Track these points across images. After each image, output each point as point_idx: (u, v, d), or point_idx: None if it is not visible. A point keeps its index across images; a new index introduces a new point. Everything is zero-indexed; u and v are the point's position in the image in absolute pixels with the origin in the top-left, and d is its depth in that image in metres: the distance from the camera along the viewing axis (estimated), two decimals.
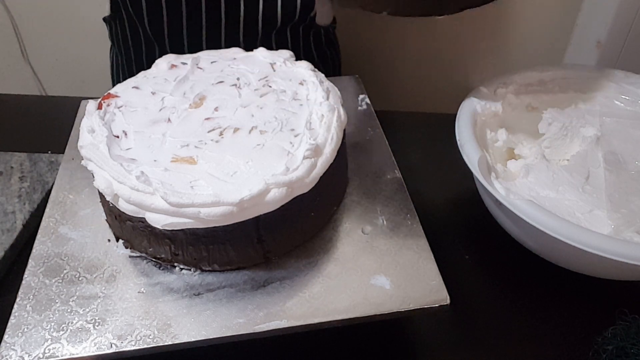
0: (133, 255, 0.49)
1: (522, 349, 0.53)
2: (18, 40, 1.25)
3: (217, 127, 0.50)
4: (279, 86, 0.56)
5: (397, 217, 0.52)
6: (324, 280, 0.47)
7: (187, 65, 0.58)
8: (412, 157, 0.73)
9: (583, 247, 0.47)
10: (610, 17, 1.05)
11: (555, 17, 1.12)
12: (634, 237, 0.51)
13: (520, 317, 0.55)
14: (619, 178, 0.56)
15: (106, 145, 0.47)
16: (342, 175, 0.55)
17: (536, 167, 0.57)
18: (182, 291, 0.46)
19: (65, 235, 0.50)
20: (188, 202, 0.42)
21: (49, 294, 0.45)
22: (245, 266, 0.48)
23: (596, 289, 0.57)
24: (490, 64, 1.17)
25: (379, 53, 1.16)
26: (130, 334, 0.43)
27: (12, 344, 0.42)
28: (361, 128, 0.63)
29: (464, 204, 0.68)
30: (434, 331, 0.55)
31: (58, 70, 1.30)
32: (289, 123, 0.50)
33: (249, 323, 0.44)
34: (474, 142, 0.57)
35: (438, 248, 0.49)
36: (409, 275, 0.47)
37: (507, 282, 0.58)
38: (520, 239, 0.58)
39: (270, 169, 0.45)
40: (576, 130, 0.61)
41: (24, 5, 1.20)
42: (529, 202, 0.51)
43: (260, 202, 0.43)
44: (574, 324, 0.54)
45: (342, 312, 0.44)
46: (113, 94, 0.55)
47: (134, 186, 0.43)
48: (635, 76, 0.67)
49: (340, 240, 0.50)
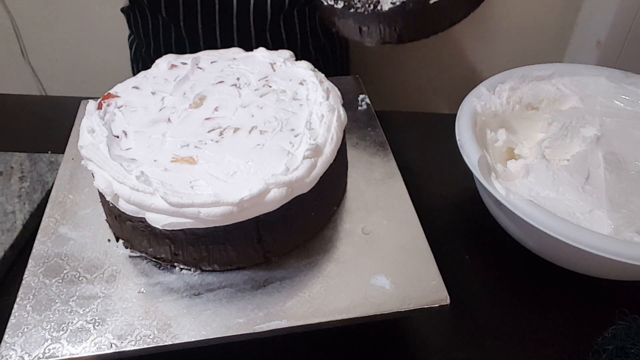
0: (133, 255, 0.49)
1: (522, 349, 0.53)
2: (18, 40, 1.24)
3: (217, 127, 0.50)
4: (279, 86, 0.56)
5: (397, 217, 0.52)
6: (324, 280, 0.47)
7: (187, 65, 0.58)
8: (412, 157, 0.73)
9: (583, 247, 0.47)
10: (610, 17, 1.05)
11: (555, 17, 1.12)
12: (634, 237, 0.51)
13: (520, 317, 0.55)
14: (619, 178, 0.56)
15: (106, 145, 0.47)
16: (342, 175, 0.55)
17: (536, 167, 0.57)
18: (182, 291, 0.46)
19: (65, 235, 0.50)
20: (188, 202, 0.42)
21: (49, 294, 0.45)
22: (245, 266, 0.48)
23: (596, 289, 0.57)
24: (490, 64, 1.17)
25: (379, 53, 1.16)
26: (130, 334, 0.43)
27: (12, 344, 0.42)
28: (361, 128, 0.64)
29: (464, 204, 0.68)
30: (434, 331, 0.55)
31: (58, 70, 1.30)
32: (289, 123, 0.50)
33: (249, 323, 0.44)
34: (474, 142, 0.57)
35: (438, 248, 0.49)
36: (409, 275, 0.47)
37: (507, 282, 0.58)
38: (520, 239, 0.58)
39: (270, 169, 0.45)
40: (576, 130, 0.61)
41: (24, 5, 1.20)
42: (529, 202, 0.51)
43: (260, 202, 0.43)
44: (574, 324, 0.54)
45: (342, 312, 0.44)
46: (113, 94, 0.55)
47: (134, 186, 0.43)
48: (635, 76, 0.67)
49: (340, 240, 0.50)
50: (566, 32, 1.15)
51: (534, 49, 1.15)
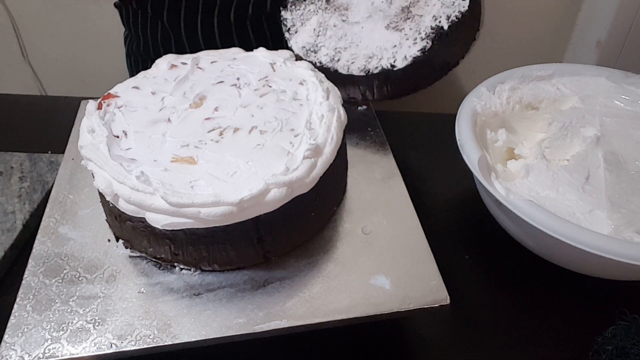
0: (133, 255, 0.49)
1: (522, 349, 0.52)
2: (18, 40, 1.25)
3: (217, 127, 0.50)
4: (279, 86, 0.56)
5: (397, 217, 0.52)
6: (324, 280, 0.47)
7: (187, 65, 0.58)
8: (412, 157, 0.73)
9: (583, 247, 0.47)
10: (610, 17, 1.05)
11: (555, 17, 1.12)
12: (634, 237, 0.51)
13: (520, 317, 0.55)
14: (619, 178, 0.56)
15: (106, 145, 0.47)
16: (342, 175, 0.55)
17: (536, 167, 0.57)
18: (182, 291, 0.46)
19: (65, 235, 0.50)
20: (188, 202, 0.42)
21: (49, 294, 0.45)
22: (245, 266, 0.48)
23: (596, 289, 0.57)
24: (490, 64, 1.17)
25: None
26: (130, 334, 0.43)
27: (12, 344, 0.42)
28: (361, 128, 0.64)
29: (464, 204, 0.68)
30: (434, 331, 0.55)
31: (58, 70, 1.30)
32: (289, 123, 0.50)
33: (249, 323, 0.44)
34: (474, 142, 0.57)
35: (438, 248, 0.49)
36: (409, 275, 0.47)
37: (507, 282, 0.58)
38: (520, 239, 0.58)
39: (270, 169, 0.45)
40: (576, 130, 0.61)
41: (24, 5, 1.20)
42: (529, 202, 0.51)
43: (260, 202, 0.43)
44: (574, 324, 0.54)
45: (342, 312, 0.44)
46: (113, 94, 0.55)
47: (134, 186, 0.43)
48: (635, 76, 0.67)
49: (340, 240, 0.50)
50: (566, 32, 1.15)
51: (534, 48, 1.15)
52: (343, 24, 0.67)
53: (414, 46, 0.62)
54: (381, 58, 0.63)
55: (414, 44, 0.62)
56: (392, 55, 0.63)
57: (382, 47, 0.64)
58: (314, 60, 0.67)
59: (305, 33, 0.69)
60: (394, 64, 0.62)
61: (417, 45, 0.62)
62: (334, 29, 0.67)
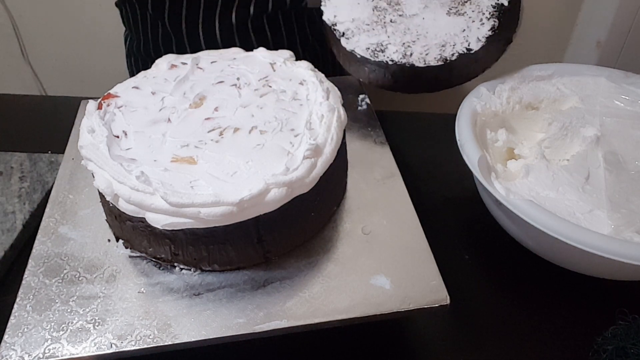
0: (133, 255, 0.49)
1: (522, 349, 0.52)
2: (18, 40, 1.25)
3: (217, 127, 0.50)
4: (279, 86, 0.56)
5: (397, 217, 0.52)
6: (324, 280, 0.47)
7: (187, 65, 0.58)
8: (412, 157, 0.73)
9: (583, 247, 0.47)
10: (610, 17, 1.05)
11: (555, 17, 1.12)
12: (634, 237, 0.51)
13: (520, 317, 0.55)
14: (619, 178, 0.56)
15: (106, 145, 0.47)
16: (342, 175, 0.55)
17: (536, 167, 0.57)
18: (182, 291, 0.46)
19: (65, 235, 0.50)
20: (188, 202, 0.42)
21: (49, 294, 0.45)
22: (245, 266, 0.48)
23: (596, 289, 0.57)
24: None
25: None
26: (130, 334, 0.43)
27: (12, 344, 0.42)
28: (361, 128, 0.64)
29: (464, 204, 0.68)
30: (434, 331, 0.55)
31: (58, 70, 1.30)
32: (289, 123, 0.50)
33: (249, 323, 0.44)
34: (474, 142, 0.57)
35: (438, 248, 0.49)
36: (409, 275, 0.47)
37: (507, 282, 0.58)
38: (520, 239, 0.58)
39: (270, 169, 0.45)
40: (576, 130, 0.61)
41: (24, 5, 1.20)
42: (529, 202, 0.51)
43: (260, 202, 0.43)
44: (574, 324, 0.54)
45: (342, 312, 0.44)
46: (113, 94, 0.55)
47: (134, 186, 0.43)
48: (635, 76, 0.67)
49: (340, 240, 0.50)
50: (566, 32, 1.15)
51: (534, 48, 1.15)
52: (402, 19, 0.67)
53: (482, 27, 0.63)
54: (454, 44, 0.63)
55: (481, 24, 0.63)
56: (464, 40, 0.63)
57: (452, 34, 0.64)
58: (384, 59, 0.65)
59: (365, 34, 0.67)
60: (469, 47, 0.63)
61: (485, 26, 0.63)
62: (393, 25, 0.67)
